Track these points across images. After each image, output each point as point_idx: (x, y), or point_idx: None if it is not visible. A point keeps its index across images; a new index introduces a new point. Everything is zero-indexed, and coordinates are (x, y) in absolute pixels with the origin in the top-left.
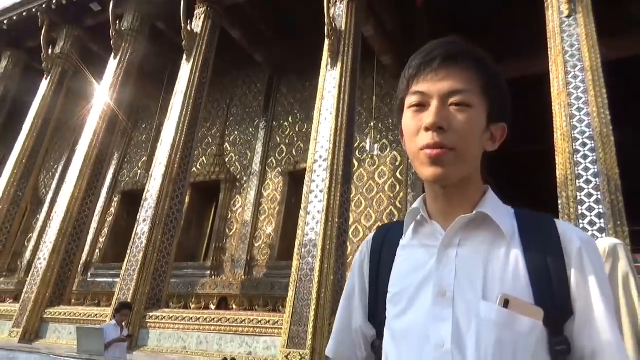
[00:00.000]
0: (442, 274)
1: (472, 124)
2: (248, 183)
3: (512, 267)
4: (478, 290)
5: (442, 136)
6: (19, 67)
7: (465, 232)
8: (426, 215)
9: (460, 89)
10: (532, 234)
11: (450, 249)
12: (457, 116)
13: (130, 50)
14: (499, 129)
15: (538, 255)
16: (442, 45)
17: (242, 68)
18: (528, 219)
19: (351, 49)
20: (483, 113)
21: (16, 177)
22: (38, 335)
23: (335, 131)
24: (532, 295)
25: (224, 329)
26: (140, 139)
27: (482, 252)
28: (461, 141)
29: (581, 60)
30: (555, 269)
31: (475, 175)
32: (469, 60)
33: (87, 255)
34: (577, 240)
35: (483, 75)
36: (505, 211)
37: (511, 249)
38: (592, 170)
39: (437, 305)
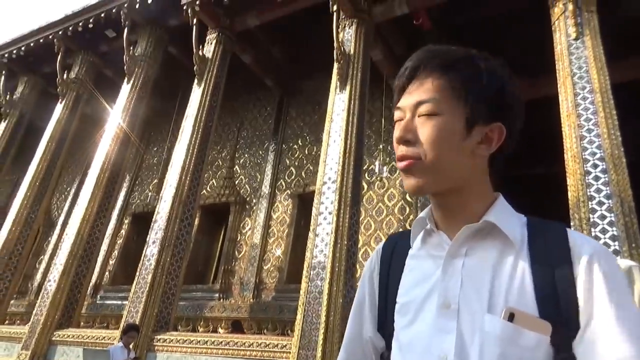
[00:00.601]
0: (448, 284)
1: (439, 132)
2: (257, 205)
3: (519, 279)
4: (484, 302)
5: (409, 148)
6: (35, 91)
7: (473, 241)
8: (433, 225)
9: (425, 99)
10: (541, 244)
11: (457, 259)
12: (423, 126)
13: (143, 74)
14: (494, 130)
15: (545, 266)
16: (414, 56)
17: (252, 92)
18: (538, 228)
19: (360, 72)
20: (458, 118)
21: (29, 200)
22: (46, 358)
23: (344, 153)
24: (537, 308)
25: (232, 353)
26: (152, 162)
27: (490, 262)
28: (429, 150)
29: (590, 82)
30: (563, 281)
31: (471, 184)
32: (435, 66)
33: (97, 277)
34: (588, 250)
35: (453, 78)
36: (515, 220)
37: (519, 260)
38: (605, 191)
39: (441, 317)
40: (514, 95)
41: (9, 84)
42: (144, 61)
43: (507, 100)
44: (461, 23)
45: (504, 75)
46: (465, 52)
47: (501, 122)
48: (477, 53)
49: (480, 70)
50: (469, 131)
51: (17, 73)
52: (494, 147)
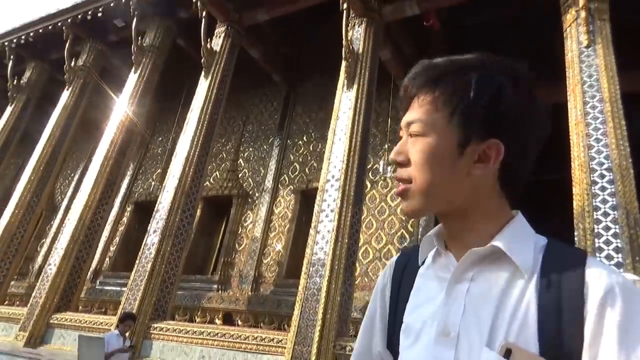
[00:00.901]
0: (450, 310)
1: (426, 155)
2: (260, 199)
3: (523, 311)
4: (484, 334)
5: (401, 170)
6: (42, 77)
7: (480, 266)
8: (442, 245)
9: (412, 119)
10: (554, 274)
11: (461, 284)
12: (412, 148)
13: (150, 65)
14: (491, 147)
15: (554, 299)
16: (409, 74)
17: (259, 86)
18: (556, 255)
19: (367, 71)
20: (447, 137)
21: (33, 184)
22: (43, 340)
23: (348, 152)
24: (539, 345)
25: (228, 345)
26: (156, 152)
27: (496, 290)
28: (417, 174)
29: (600, 91)
30: (570, 319)
31: (475, 205)
32: (421, 84)
33: (97, 262)
34: (604, 287)
35: (440, 94)
36: (529, 244)
37: (527, 290)
38: (611, 202)
39: (439, 344)
40: (517, 105)
41: (17, 69)
42: (152, 52)
43: (505, 112)
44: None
45: (502, 84)
46: (459, 62)
47: (499, 137)
48: (477, 59)
49: (469, 84)
50: (462, 151)
51: (25, 59)
52: (493, 165)
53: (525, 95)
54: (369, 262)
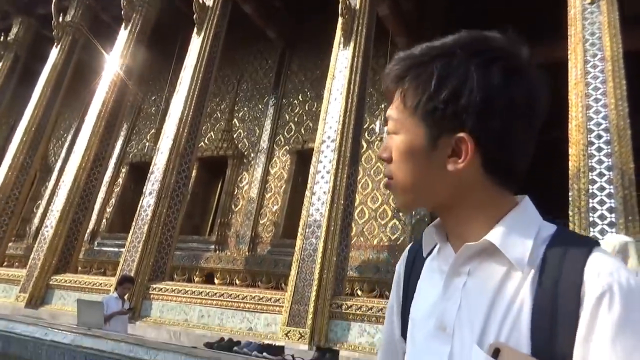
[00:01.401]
0: (447, 305)
1: (399, 152)
2: (255, 160)
3: (517, 309)
4: (475, 332)
5: (386, 166)
6: (30, 33)
7: (478, 259)
8: (443, 236)
9: (388, 116)
10: (552, 269)
11: (458, 279)
12: (392, 145)
13: (141, 20)
14: (461, 142)
15: (549, 297)
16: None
17: (253, 44)
18: (559, 248)
19: (365, 28)
20: (417, 133)
21: (25, 145)
22: (44, 301)
23: (344, 112)
24: (530, 344)
25: (226, 304)
26: (150, 111)
27: (492, 285)
28: (394, 171)
29: (602, 50)
30: (564, 318)
31: (462, 198)
32: (392, 80)
33: (94, 224)
34: (601, 286)
35: (405, 89)
36: (529, 235)
37: (522, 286)
38: (606, 163)
39: (436, 338)
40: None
41: (2, 25)
42: (142, 6)
43: (470, 103)
44: None
45: (467, 71)
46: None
47: (468, 129)
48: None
49: (432, 75)
50: (433, 146)
51: (11, 14)
52: (467, 159)
53: (500, 79)
54: (364, 222)
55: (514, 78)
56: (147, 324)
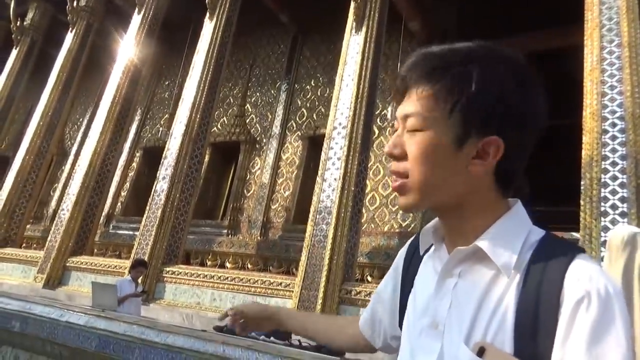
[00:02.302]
0: (439, 304)
1: (422, 149)
2: (267, 145)
3: (502, 311)
4: (463, 331)
5: (397, 164)
6: (45, 18)
7: (468, 263)
8: (439, 238)
9: (410, 112)
10: (536, 274)
11: (450, 279)
12: (409, 142)
13: (154, 5)
14: (490, 143)
15: (532, 300)
16: (406, 64)
17: (266, 28)
18: (544, 253)
19: (377, 13)
20: (446, 132)
21: (42, 129)
22: (61, 282)
23: (356, 98)
24: (514, 345)
25: (237, 288)
26: (163, 96)
27: (480, 288)
28: (412, 169)
29: (619, 35)
30: (545, 321)
31: (470, 200)
32: (420, 76)
33: (109, 207)
34: (581, 290)
35: (440, 87)
36: (518, 241)
37: (508, 289)
38: (620, 152)
39: (429, 335)
40: (519, 101)
41: (19, 10)
42: None
43: (506, 109)
44: None
45: (504, 78)
46: (461, 53)
47: (498, 134)
48: (479, 50)
49: (470, 77)
50: (460, 146)
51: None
52: (491, 161)
53: (527, 90)
54: (375, 208)
55: (536, 91)
56: (160, 306)
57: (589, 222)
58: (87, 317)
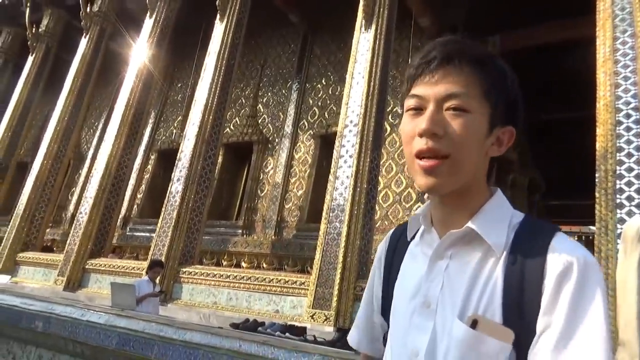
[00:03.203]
0: (431, 285)
1: (469, 130)
2: (280, 145)
3: (492, 285)
4: (456, 307)
5: (436, 142)
6: (60, 24)
7: (459, 245)
8: (428, 223)
9: (457, 93)
10: (521, 251)
11: (441, 261)
12: (452, 122)
13: (165, 9)
14: (506, 133)
15: (517, 273)
16: (441, 45)
17: (276, 28)
18: (527, 233)
19: (387, 10)
20: (484, 117)
21: (59, 134)
22: (81, 284)
23: (367, 96)
24: (502, 315)
25: (253, 287)
26: (176, 98)
27: (470, 267)
28: (456, 148)
29: (632, 25)
30: (530, 290)
31: (476, 184)
32: (468, 62)
33: (125, 210)
34: (562, 263)
35: (485, 76)
36: (503, 223)
37: (497, 266)
38: (635, 143)
39: (421, 315)
40: (520, 97)
41: (34, 17)
42: None
43: (518, 104)
44: None
45: (515, 77)
46: (489, 51)
47: (513, 126)
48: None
49: (507, 74)
50: (490, 132)
51: (41, 5)
52: (504, 149)
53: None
54: (388, 205)
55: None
56: (178, 306)
57: (605, 215)
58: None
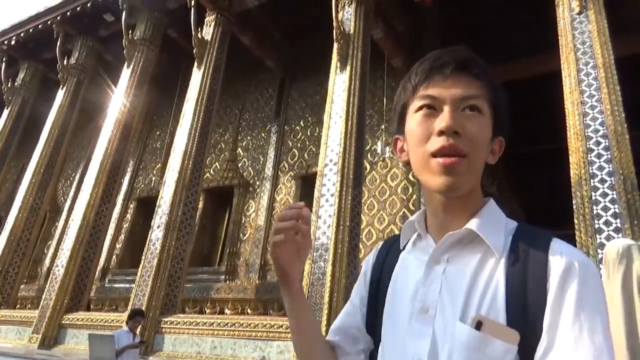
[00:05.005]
0: (428, 290)
1: (483, 131)
2: (261, 188)
3: (493, 287)
4: (457, 310)
5: (456, 140)
6: (36, 78)
7: (457, 248)
8: (423, 229)
9: (473, 94)
10: (521, 253)
11: (438, 266)
12: (468, 122)
13: (142, 58)
14: (497, 143)
15: (520, 275)
16: (453, 52)
17: (253, 74)
18: (524, 237)
19: (360, 52)
20: (490, 123)
21: (34, 186)
22: (57, 341)
23: (345, 135)
24: (506, 316)
25: (238, 334)
26: (155, 146)
27: (470, 270)
28: (473, 148)
29: (593, 58)
30: (534, 292)
31: (476, 188)
32: (479, 70)
33: (104, 261)
34: (564, 263)
35: (490, 85)
36: (500, 227)
37: (497, 268)
38: (607, 169)
39: (419, 321)
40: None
41: (10, 71)
42: (144, 45)
43: (507, 118)
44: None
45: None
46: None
47: (503, 137)
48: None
49: (500, 87)
50: (492, 140)
51: (18, 60)
52: (496, 158)
53: None
54: (372, 243)
55: None
56: (160, 358)
57: (585, 241)
58: None
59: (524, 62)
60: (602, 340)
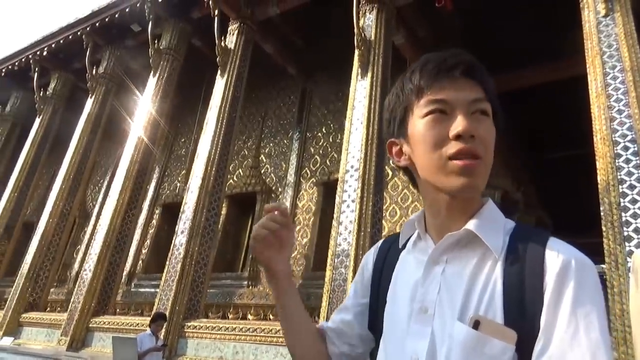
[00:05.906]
0: (427, 290)
1: (492, 134)
2: (283, 194)
3: (491, 287)
4: (456, 310)
5: (472, 144)
6: (67, 87)
7: (455, 249)
8: (422, 229)
9: (482, 97)
10: (518, 252)
11: (437, 266)
12: (481, 125)
13: (168, 67)
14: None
15: (517, 274)
16: (457, 56)
17: (275, 81)
18: (521, 236)
19: (381, 58)
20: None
21: (64, 192)
22: (84, 343)
23: (366, 141)
24: (504, 316)
25: (260, 340)
26: (180, 153)
27: (468, 270)
28: (486, 150)
29: (620, 61)
30: (532, 290)
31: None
32: (482, 73)
33: (130, 266)
34: (561, 261)
35: (490, 88)
36: (498, 227)
37: (495, 268)
38: (636, 174)
39: (418, 321)
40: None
41: (42, 81)
42: (169, 54)
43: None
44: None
45: None
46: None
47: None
48: None
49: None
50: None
51: (49, 70)
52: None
53: None
54: None
55: None
56: None
57: (613, 248)
58: None
59: (548, 66)
60: (598, 336)
